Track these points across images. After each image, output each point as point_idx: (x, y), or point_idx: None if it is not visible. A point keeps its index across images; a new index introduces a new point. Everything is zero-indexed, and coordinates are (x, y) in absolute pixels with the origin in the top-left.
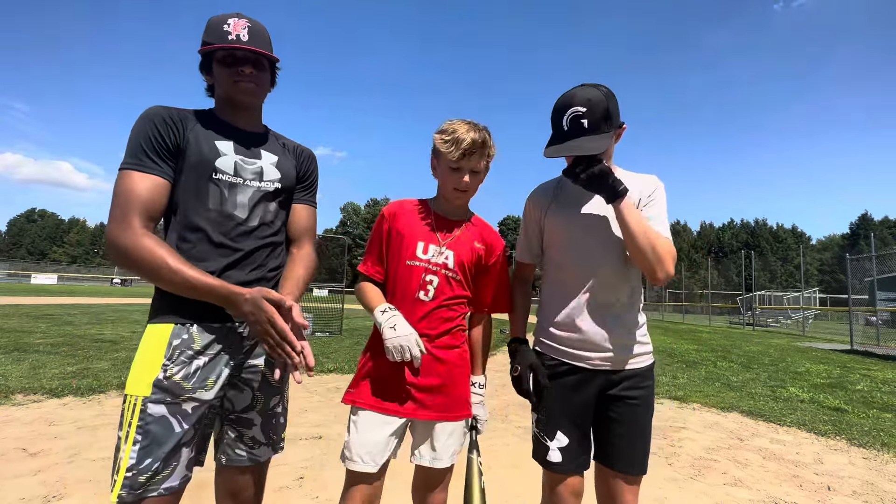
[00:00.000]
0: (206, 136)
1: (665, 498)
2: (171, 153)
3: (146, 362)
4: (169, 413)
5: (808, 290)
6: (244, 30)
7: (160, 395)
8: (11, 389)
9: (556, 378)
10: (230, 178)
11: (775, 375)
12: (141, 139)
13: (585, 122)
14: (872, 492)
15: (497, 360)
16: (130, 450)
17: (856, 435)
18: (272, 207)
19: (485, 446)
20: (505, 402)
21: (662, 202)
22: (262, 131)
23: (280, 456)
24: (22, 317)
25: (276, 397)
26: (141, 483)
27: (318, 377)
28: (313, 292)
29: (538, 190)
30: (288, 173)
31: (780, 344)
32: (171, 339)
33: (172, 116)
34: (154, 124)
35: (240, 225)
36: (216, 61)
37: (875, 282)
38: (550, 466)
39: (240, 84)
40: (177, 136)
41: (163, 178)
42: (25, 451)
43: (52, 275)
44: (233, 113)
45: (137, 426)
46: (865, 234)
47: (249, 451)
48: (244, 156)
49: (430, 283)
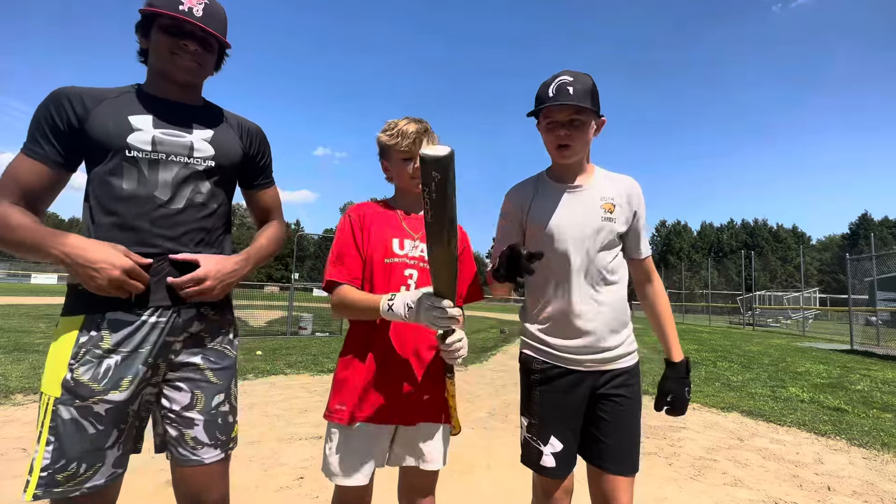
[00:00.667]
0: (116, 112)
1: (665, 498)
2: (66, 135)
3: (55, 360)
4: (80, 416)
5: (808, 291)
6: (199, 5)
7: (68, 397)
8: (11, 389)
9: (547, 382)
10: (148, 154)
11: (775, 375)
12: (33, 122)
13: (571, 90)
14: (872, 492)
15: (497, 360)
16: (44, 450)
17: (856, 435)
18: (204, 188)
19: (485, 446)
20: (505, 401)
21: (645, 213)
22: (199, 104)
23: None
24: (22, 317)
25: (220, 395)
26: (59, 481)
27: (317, 377)
28: (313, 292)
29: (517, 188)
30: (227, 151)
31: (780, 344)
32: (79, 337)
33: (72, 96)
34: (49, 106)
35: (160, 207)
36: (158, 27)
37: (875, 282)
38: (544, 472)
39: (178, 58)
40: (74, 117)
41: (44, 164)
42: (25, 451)
43: (51, 274)
44: (164, 85)
45: (49, 427)
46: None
47: (192, 452)
48: (167, 129)
49: (410, 278)
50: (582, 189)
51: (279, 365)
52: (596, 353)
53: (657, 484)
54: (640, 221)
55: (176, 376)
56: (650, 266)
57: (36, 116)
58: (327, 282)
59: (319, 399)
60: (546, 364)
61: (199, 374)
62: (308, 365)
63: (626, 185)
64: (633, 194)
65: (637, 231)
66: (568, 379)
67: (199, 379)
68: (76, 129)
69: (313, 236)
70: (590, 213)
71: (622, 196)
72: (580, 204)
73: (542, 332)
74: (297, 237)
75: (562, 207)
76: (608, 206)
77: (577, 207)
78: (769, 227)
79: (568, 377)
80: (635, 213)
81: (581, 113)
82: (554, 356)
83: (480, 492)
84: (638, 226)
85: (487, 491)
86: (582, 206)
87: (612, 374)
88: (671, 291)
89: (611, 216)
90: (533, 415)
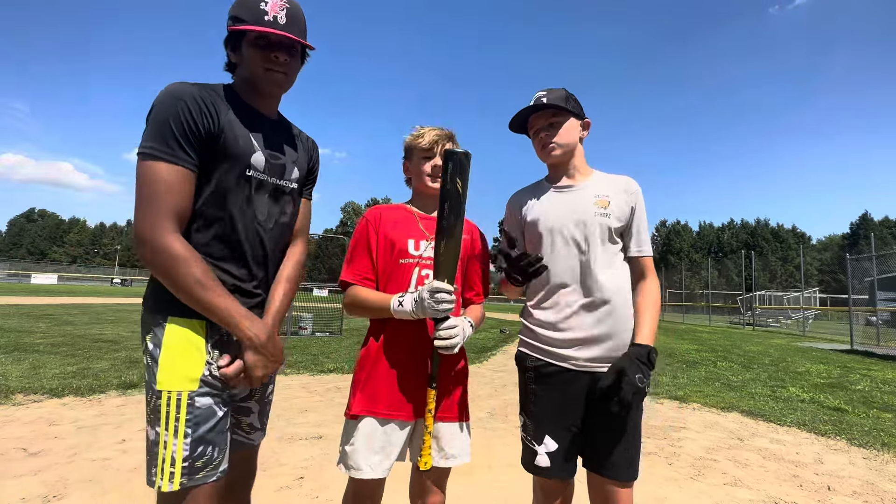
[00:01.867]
0: (241, 126)
1: (665, 498)
2: (203, 143)
3: (183, 358)
4: (214, 403)
5: (808, 290)
6: (283, 11)
7: (206, 390)
8: (11, 389)
9: (541, 379)
10: (259, 175)
11: (775, 375)
12: (172, 122)
13: (545, 100)
14: (872, 492)
15: (497, 360)
16: (183, 443)
17: (856, 435)
18: (289, 209)
19: (485, 446)
20: (505, 402)
21: (644, 212)
22: (279, 119)
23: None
24: (22, 317)
25: (270, 385)
26: (199, 468)
27: (317, 377)
28: (313, 292)
29: (515, 195)
30: (303, 169)
31: (780, 344)
32: (209, 335)
33: (205, 98)
34: (186, 105)
35: (259, 226)
36: (248, 42)
37: (875, 282)
38: (539, 472)
39: (272, 72)
40: (211, 123)
41: (193, 172)
42: (26, 450)
43: (52, 275)
44: (257, 98)
45: (186, 420)
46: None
47: (246, 437)
48: (271, 150)
49: (426, 279)
50: (575, 188)
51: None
52: (590, 352)
53: (657, 484)
54: (637, 218)
55: None
56: (647, 265)
57: (171, 115)
58: (340, 282)
59: (319, 399)
60: (540, 361)
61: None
62: (308, 365)
63: (621, 182)
64: (629, 191)
65: (633, 228)
66: (562, 377)
67: None
68: (214, 136)
69: (313, 236)
70: (583, 209)
71: (617, 192)
72: (573, 201)
73: (536, 327)
74: None
75: (555, 205)
76: (602, 202)
77: (570, 205)
78: (770, 227)
79: (561, 375)
80: (632, 209)
81: (557, 114)
82: (547, 352)
83: (480, 492)
84: (634, 223)
85: (487, 491)
86: (575, 203)
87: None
88: (671, 291)
89: (605, 212)
90: (528, 413)
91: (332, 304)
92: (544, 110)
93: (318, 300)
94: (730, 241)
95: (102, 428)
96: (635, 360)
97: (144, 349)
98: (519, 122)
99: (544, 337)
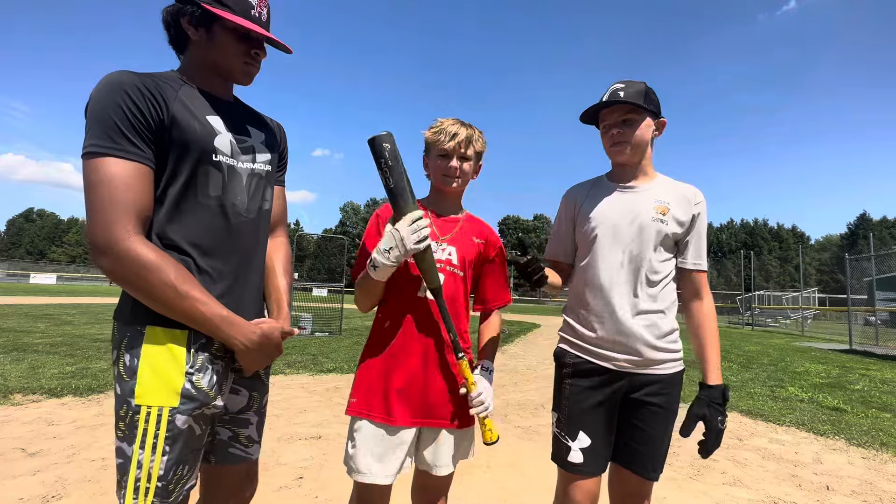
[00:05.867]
0: (195, 111)
1: (665, 498)
2: (154, 134)
3: (163, 371)
4: (193, 421)
5: (807, 290)
6: (265, 9)
7: (188, 406)
8: (10, 389)
9: (577, 376)
10: (228, 160)
11: (774, 375)
12: (114, 115)
13: (622, 94)
14: (871, 491)
15: (497, 360)
16: (160, 460)
17: (855, 434)
18: (268, 194)
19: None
20: (504, 402)
21: (706, 226)
22: (236, 101)
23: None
24: (21, 316)
25: (266, 395)
26: (171, 490)
27: (317, 377)
28: (312, 292)
29: (573, 188)
30: (274, 151)
31: (779, 344)
32: (190, 346)
33: (148, 86)
34: (128, 95)
35: (241, 216)
36: (227, 30)
37: (874, 282)
38: (570, 467)
39: (249, 66)
40: (158, 111)
41: (149, 168)
42: (24, 451)
43: (51, 274)
44: (214, 81)
45: (166, 437)
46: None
47: (244, 450)
48: (235, 133)
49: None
50: (637, 189)
51: (278, 364)
52: (630, 354)
53: (657, 483)
54: (698, 231)
55: (236, 382)
56: (702, 281)
57: (111, 107)
58: (352, 280)
59: (319, 399)
60: (578, 358)
61: (257, 376)
62: (307, 365)
63: (686, 191)
64: (692, 201)
65: (692, 240)
66: (600, 377)
67: (257, 380)
68: (164, 125)
69: (312, 236)
70: (640, 212)
71: (679, 201)
72: (632, 203)
73: (578, 325)
74: (296, 237)
75: (612, 205)
76: (661, 208)
77: (627, 206)
78: (769, 227)
79: (599, 373)
80: (693, 219)
81: (633, 111)
82: (586, 350)
83: (480, 492)
84: (694, 234)
85: (487, 491)
86: (633, 204)
87: (649, 379)
88: None
89: (663, 218)
90: (562, 409)
91: (331, 304)
92: (619, 105)
93: (318, 300)
94: (729, 241)
95: (101, 428)
96: (714, 405)
97: (117, 359)
98: (590, 113)
99: (583, 333)
